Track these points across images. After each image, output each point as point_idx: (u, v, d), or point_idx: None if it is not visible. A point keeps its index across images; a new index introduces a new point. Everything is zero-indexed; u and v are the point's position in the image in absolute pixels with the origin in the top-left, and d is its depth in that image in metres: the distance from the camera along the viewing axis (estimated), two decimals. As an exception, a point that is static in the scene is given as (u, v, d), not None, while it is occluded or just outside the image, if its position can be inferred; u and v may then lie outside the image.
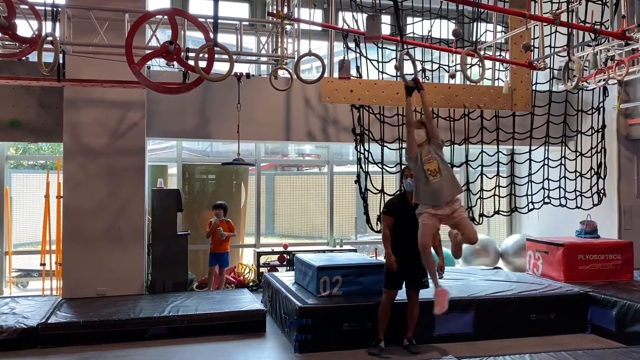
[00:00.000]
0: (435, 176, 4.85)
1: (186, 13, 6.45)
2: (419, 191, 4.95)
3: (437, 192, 4.83)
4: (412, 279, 5.38)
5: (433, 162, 4.87)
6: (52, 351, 5.35)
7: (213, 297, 6.71)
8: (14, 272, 8.20)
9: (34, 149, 11.09)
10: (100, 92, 6.93)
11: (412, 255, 5.27)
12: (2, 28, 5.45)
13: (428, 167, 4.87)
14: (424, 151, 4.95)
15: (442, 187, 4.84)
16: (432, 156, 4.90)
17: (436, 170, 4.85)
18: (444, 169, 4.90)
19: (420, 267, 5.29)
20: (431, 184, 4.85)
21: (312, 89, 7.85)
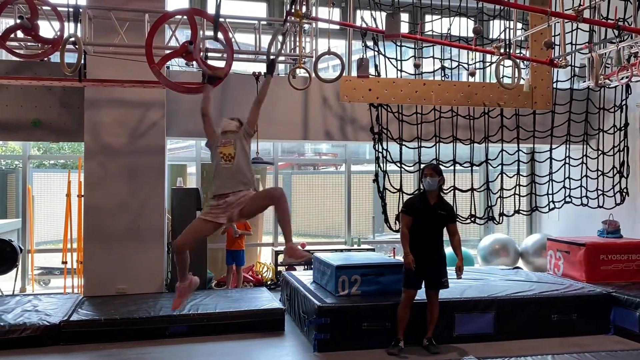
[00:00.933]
0: (228, 161, 4.26)
1: (205, 13, 6.46)
2: (213, 180, 4.39)
3: (225, 178, 4.24)
4: (431, 279, 5.35)
5: (229, 147, 4.29)
6: (74, 348, 5.42)
7: (232, 296, 6.74)
8: (36, 269, 8.33)
9: (55, 148, 11.25)
10: (121, 92, 7.00)
11: (431, 255, 5.29)
12: (25, 29, 5.52)
13: (222, 150, 4.30)
14: (223, 137, 4.37)
15: (232, 173, 4.23)
16: (229, 141, 4.32)
17: (231, 155, 4.26)
18: (241, 157, 4.29)
19: (439, 266, 5.29)
20: (222, 170, 4.28)
21: (330, 87, 7.84)
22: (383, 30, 6.02)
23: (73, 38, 5.17)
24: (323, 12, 7.16)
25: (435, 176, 5.31)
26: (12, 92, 7.25)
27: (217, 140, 4.40)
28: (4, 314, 5.78)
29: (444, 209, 5.37)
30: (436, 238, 5.38)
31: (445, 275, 5.35)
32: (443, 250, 5.46)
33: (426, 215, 5.31)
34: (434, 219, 5.33)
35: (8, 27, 5.65)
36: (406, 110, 7.60)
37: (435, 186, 5.32)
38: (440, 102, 7.40)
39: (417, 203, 5.47)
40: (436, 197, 5.37)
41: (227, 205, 4.21)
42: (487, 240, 9.31)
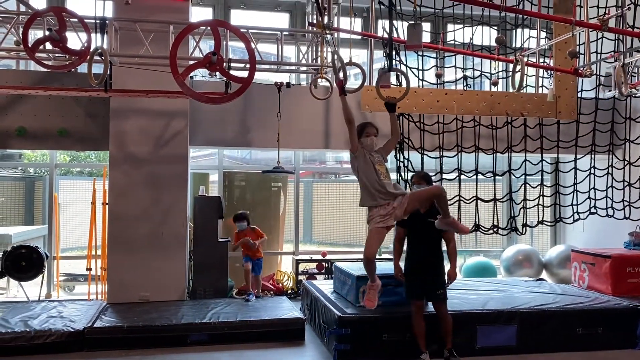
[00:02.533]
0: (386, 177, 4.72)
1: (228, 24, 6.58)
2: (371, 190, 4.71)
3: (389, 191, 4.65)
4: (427, 291, 5.26)
5: (383, 166, 4.78)
6: (97, 354, 5.50)
7: (252, 304, 6.77)
8: (61, 276, 8.46)
9: (82, 156, 11.47)
10: (145, 102, 7.11)
11: (425, 265, 5.22)
12: (54, 41, 5.68)
13: (380, 168, 4.74)
14: (375, 153, 4.85)
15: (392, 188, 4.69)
16: (382, 160, 4.84)
17: (384, 174, 4.74)
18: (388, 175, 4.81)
19: (434, 278, 5.19)
20: (385, 184, 4.67)
21: (351, 97, 7.71)
22: (405, 41, 6.03)
23: (100, 50, 5.27)
24: (344, 23, 7.21)
25: (423, 184, 5.24)
26: (40, 102, 7.42)
27: (370, 156, 4.78)
28: (30, 320, 5.89)
29: (435, 217, 5.13)
30: (429, 248, 5.26)
31: (441, 287, 5.21)
32: (439, 260, 5.32)
33: (416, 224, 5.23)
34: (424, 228, 5.20)
35: (37, 38, 5.81)
36: (428, 120, 7.58)
37: None
38: (462, 111, 7.36)
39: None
40: (427, 206, 5.20)
41: (393, 209, 4.65)
42: (510, 251, 9.20)
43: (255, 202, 9.03)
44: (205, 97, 5.86)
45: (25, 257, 7.25)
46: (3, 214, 10.28)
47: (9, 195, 10.41)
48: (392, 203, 4.65)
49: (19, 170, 11.12)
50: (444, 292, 5.23)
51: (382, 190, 4.65)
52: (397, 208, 4.63)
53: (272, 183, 9.22)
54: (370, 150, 4.84)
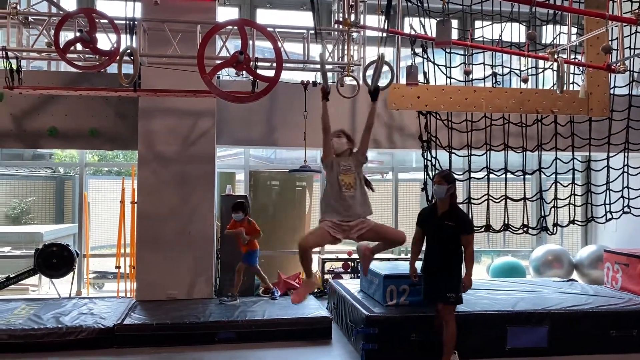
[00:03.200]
0: (348, 189, 4.47)
1: (255, 23, 6.59)
2: (329, 201, 4.53)
3: (347, 206, 4.44)
4: (435, 291, 5.05)
5: (350, 176, 4.51)
6: (127, 351, 5.56)
7: (279, 303, 6.78)
8: (91, 273, 8.61)
9: (111, 155, 11.65)
10: (173, 102, 7.18)
11: (438, 268, 5.04)
12: (84, 42, 5.77)
13: (344, 178, 4.48)
14: (343, 161, 4.58)
15: (354, 202, 4.46)
16: (350, 169, 4.54)
17: (351, 185, 4.48)
18: (360, 187, 4.54)
19: (446, 279, 4.98)
20: (343, 197, 4.45)
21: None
22: (433, 38, 5.97)
23: (130, 50, 5.33)
24: (370, 20, 7.16)
25: (444, 184, 4.99)
26: (71, 102, 7.55)
27: (336, 165, 4.55)
28: (62, 316, 5.99)
29: (453, 220, 4.98)
30: (444, 250, 5.02)
31: (452, 290, 4.92)
32: (454, 264, 5.02)
33: (432, 225, 5.10)
34: (441, 230, 5.01)
35: (68, 40, 5.91)
36: (456, 118, 7.48)
37: (443, 195, 4.98)
38: (491, 109, 7.24)
39: (426, 213, 5.30)
40: (446, 207, 5.03)
41: (349, 228, 4.45)
42: (540, 251, 9.04)
43: (280, 201, 9.04)
44: (232, 97, 5.89)
45: (56, 254, 7.38)
46: (34, 212, 10.51)
47: (40, 194, 10.63)
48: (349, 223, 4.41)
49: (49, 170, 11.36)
50: (455, 296, 4.94)
51: (339, 209, 4.43)
52: (352, 230, 4.42)
53: (297, 182, 9.23)
54: (342, 153, 4.61)
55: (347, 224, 4.43)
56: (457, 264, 5.03)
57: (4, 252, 8.48)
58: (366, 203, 4.57)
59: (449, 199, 5.04)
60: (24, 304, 6.61)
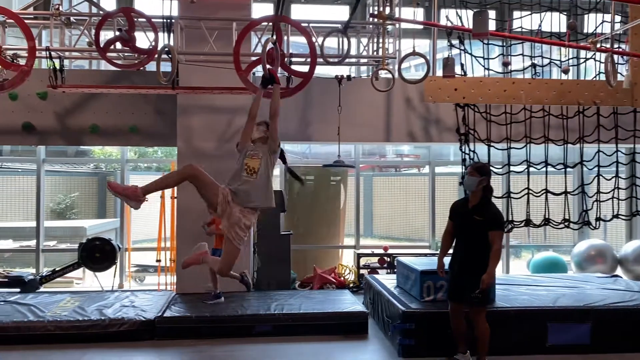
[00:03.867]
0: (250, 175, 4.49)
1: (289, 19, 6.60)
2: (233, 181, 4.57)
3: (244, 191, 4.46)
4: (460, 291, 4.86)
5: (256, 160, 4.52)
6: (167, 343, 5.68)
7: (315, 297, 6.81)
8: (132, 267, 8.83)
9: (150, 152, 11.90)
10: (210, 99, 7.27)
11: (463, 264, 4.85)
12: (124, 41, 5.90)
13: (248, 162, 4.53)
14: (252, 147, 4.64)
15: (251, 189, 4.47)
16: (257, 154, 4.55)
17: (254, 170, 4.48)
18: (264, 174, 4.51)
19: (471, 278, 4.72)
20: (242, 180, 4.49)
21: (413, 88, 7.74)
22: (470, 29, 5.86)
23: (167, 48, 5.43)
24: (406, 12, 7.09)
25: (475, 175, 4.78)
26: (112, 100, 7.74)
27: (248, 149, 4.61)
28: (105, 309, 6.16)
29: (482, 214, 4.75)
30: (472, 245, 4.79)
31: (477, 290, 4.66)
32: (480, 261, 4.72)
33: (462, 219, 4.90)
34: (470, 224, 4.79)
35: (108, 39, 6.05)
36: (494, 110, 7.34)
37: (473, 187, 4.78)
38: (530, 101, 7.08)
39: (458, 205, 5.08)
40: (477, 200, 4.82)
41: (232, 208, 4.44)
42: (582, 246, 8.81)
43: (315, 196, 9.07)
44: (267, 93, 5.92)
45: (99, 248, 7.61)
46: (78, 207, 10.84)
47: (83, 190, 10.95)
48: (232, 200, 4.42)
49: (92, 166, 11.69)
50: (480, 297, 4.69)
51: (236, 190, 4.45)
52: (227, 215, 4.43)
53: (332, 177, 9.23)
54: (257, 140, 4.69)
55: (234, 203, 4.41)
56: (484, 262, 4.71)
57: (50, 246, 8.78)
58: (265, 194, 4.51)
59: (480, 192, 4.83)
60: (69, 296, 6.83)
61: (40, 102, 7.65)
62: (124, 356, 5.36)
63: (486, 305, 4.86)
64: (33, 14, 6.68)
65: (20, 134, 7.72)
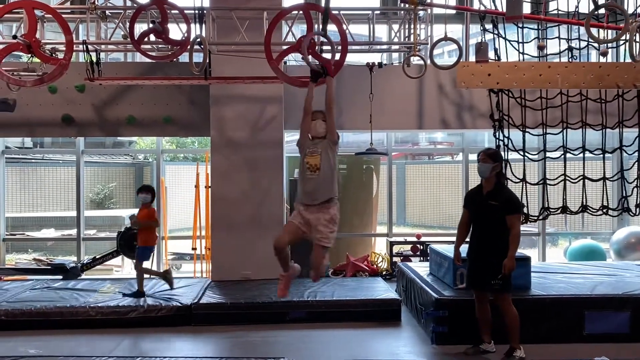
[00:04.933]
0: (313, 172, 4.41)
1: (320, 7, 6.57)
2: (299, 186, 4.59)
3: (310, 190, 4.42)
4: (479, 279, 4.85)
5: (316, 157, 4.43)
6: (203, 329, 5.82)
7: (348, 284, 6.85)
8: (169, 255, 9.03)
9: (187, 142, 12.12)
10: (242, 88, 7.34)
11: (481, 251, 4.82)
12: (157, 33, 5.99)
13: (309, 160, 4.45)
14: (312, 144, 4.52)
15: (317, 185, 4.40)
16: (317, 150, 4.46)
17: (316, 166, 4.41)
18: (327, 168, 4.42)
19: (489, 265, 4.71)
20: (307, 180, 4.45)
21: (445, 74, 7.64)
22: (503, 13, 5.76)
23: (200, 39, 5.49)
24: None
25: (489, 162, 4.77)
26: (146, 91, 7.88)
27: (307, 146, 4.56)
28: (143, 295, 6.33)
29: (497, 199, 4.73)
30: (489, 232, 4.77)
31: (495, 277, 4.67)
32: (497, 247, 4.72)
33: (477, 205, 4.86)
34: (485, 210, 4.77)
35: (142, 31, 6.16)
36: (529, 95, 7.17)
37: (487, 173, 4.77)
38: (567, 85, 6.88)
39: (472, 193, 5.06)
40: (492, 186, 4.81)
41: (310, 215, 4.42)
42: (622, 234, 8.59)
43: (347, 183, 9.08)
44: (299, 81, 5.94)
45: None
46: (116, 197, 11.12)
47: (121, 180, 11.23)
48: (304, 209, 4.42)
49: (129, 157, 11.96)
50: (501, 283, 4.70)
51: (304, 192, 4.46)
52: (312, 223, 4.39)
53: (364, 165, 9.22)
54: (316, 135, 4.55)
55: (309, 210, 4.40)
56: (503, 248, 4.70)
57: (90, 235, 9.05)
58: (331, 186, 4.46)
59: (494, 178, 4.82)
60: (110, 283, 7.05)
61: (78, 94, 7.85)
62: (162, 341, 5.52)
63: (509, 290, 4.82)
64: (70, 8, 6.85)
65: (60, 126, 7.95)
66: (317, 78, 4.71)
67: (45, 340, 5.46)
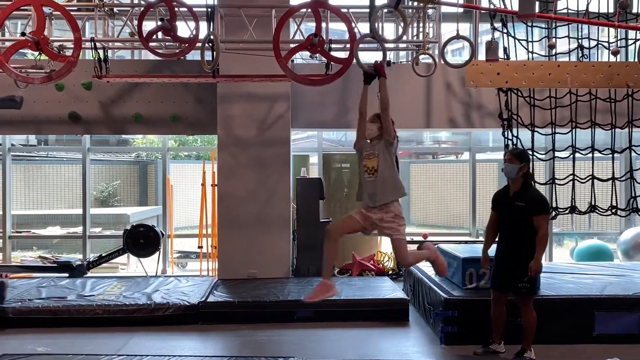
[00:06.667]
0: (371, 175, 4.49)
1: (328, 4, 6.54)
2: (359, 188, 4.68)
3: (370, 192, 4.49)
4: (506, 281, 4.81)
5: (373, 159, 4.49)
6: (211, 327, 5.81)
7: (355, 284, 6.82)
8: (175, 253, 9.01)
9: (190, 140, 12.09)
10: (249, 87, 7.31)
11: (508, 253, 4.78)
12: (165, 30, 5.95)
13: (366, 163, 4.54)
14: (369, 146, 4.58)
15: (376, 187, 4.46)
16: (373, 152, 4.51)
17: (374, 169, 4.47)
18: (385, 169, 4.46)
19: (517, 267, 4.68)
20: (366, 182, 4.54)
21: (453, 73, 7.61)
22: (515, 11, 5.72)
23: (212, 36, 5.46)
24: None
25: (515, 162, 4.70)
26: (153, 89, 7.87)
27: (364, 148, 4.61)
28: (150, 293, 6.32)
29: (524, 200, 4.68)
30: (516, 233, 4.73)
31: (524, 280, 4.66)
32: (526, 250, 4.68)
33: (504, 207, 4.82)
34: (512, 211, 4.72)
35: (151, 29, 6.12)
36: (538, 94, 7.14)
37: (514, 174, 4.70)
38: (576, 84, 6.85)
39: (499, 194, 5.00)
40: (518, 187, 4.75)
41: (373, 219, 4.50)
42: (630, 234, 8.55)
43: (353, 183, 9.04)
44: (307, 80, 5.91)
45: (143, 235, 7.79)
46: (120, 195, 11.11)
47: (125, 178, 11.22)
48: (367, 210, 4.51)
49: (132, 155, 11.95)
50: (528, 286, 4.71)
51: (364, 195, 4.54)
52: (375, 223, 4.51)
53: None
54: (371, 137, 4.61)
55: (371, 211, 4.48)
56: (530, 249, 4.65)
57: (96, 233, 9.04)
58: (392, 187, 4.49)
59: (521, 178, 4.77)
60: (116, 281, 7.03)
61: (85, 92, 7.83)
62: (169, 339, 5.50)
63: (534, 294, 4.82)
64: (77, 5, 6.82)
65: (67, 124, 7.93)
66: (371, 79, 4.74)
67: (53, 338, 5.45)
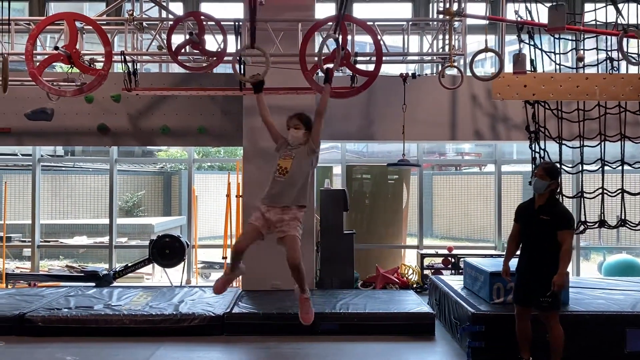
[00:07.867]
0: (281, 175, 4.47)
1: (354, 18, 6.60)
2: (265, 195, 4.59)
3: (275, 192, 4.47)
4: (529, 296, 4.73)
5: (288, 160, 4.50)
6: (236, 339, 5.81)
7: (380, 297, 6.78)
8: (199, 263, 9.07)
9: (214, 152, 12.20)
10: (274, 99, 7.32)
11: (531, 267, 4.70)
12: (194, 44, 6.07)
13: (280, 163, 4.54)
14: (289, 148, 4.61)
15: (283, 188, 4.44)
16: (291, 154, 4.52)
17: (286, 169, 4.46)
18: (297, 173, 4.46)
19: (540, 282, 4.59)
20: (274, 181, 4.51)
21: (479, 85, 7.59)
22: (542, 24, 5.68)
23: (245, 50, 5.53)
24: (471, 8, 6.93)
25: (546, 179, 4.65)
26: (181, 102, 7.97)
27: (282, 148, 4.67)
28: (176, 304, 6.36)
29: (549, 214, 4.63)
30: (539, 247, 4.67)
31: (546, 294, 4.57)
32: (549, 264, 4.60)
33: (528, 220, 4.76)
34: (536, 225, 4.67)
35: (180, 43, 6.24)
36: (566, 107, 7.08)
37: (542, 190, 4.66)
38: (605, 97, 6.78)
39: (523, 207, 4.94)
40: (544, 201, 4.70)
41: (271, 221, 4.51)
42: (660, 249, 8.38)
43: (376, 195, 9.04)
44: (333, 93, 5.94)
45: (169, 245, 7.87)
46: (144, 205, 11.26)
47: (150, 188, 11.38)
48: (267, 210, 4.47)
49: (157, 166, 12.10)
50: (551, 301, 4.61)
51: (269, 193, 4.50)
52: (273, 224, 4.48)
53: (389, 176, 9.15)
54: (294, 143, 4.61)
55: (271, 212, 4.44)
56: (553, 264, 4.57)
57: (122, 243, 9.15)
58: (298, 192, 4.47)
59: (548, 193, 4.72)
60: (142, 291, 7.09)
61: (114, 104, 7.97)
62: (195, 350, 5.52)
63: (558, 308, 4.72)
64: (107, 20, 6.97)
65: (96, 135, 8.07)
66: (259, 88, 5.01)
67: (81, 347, 5.51)
